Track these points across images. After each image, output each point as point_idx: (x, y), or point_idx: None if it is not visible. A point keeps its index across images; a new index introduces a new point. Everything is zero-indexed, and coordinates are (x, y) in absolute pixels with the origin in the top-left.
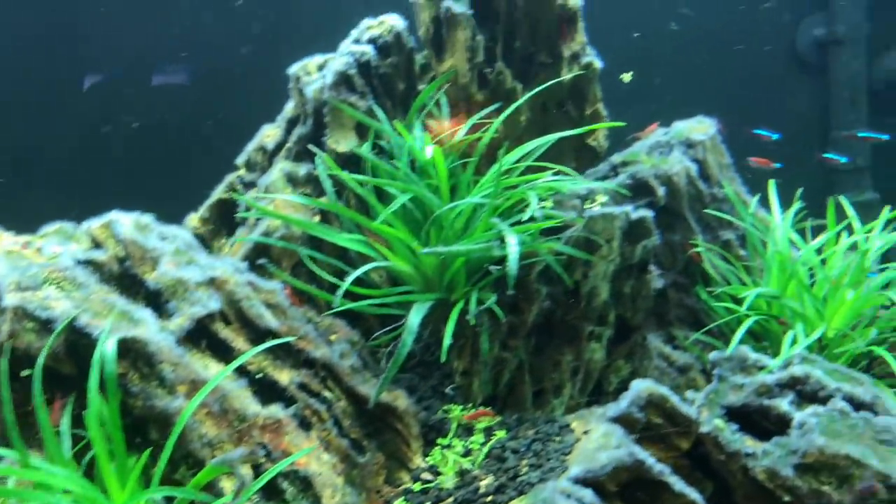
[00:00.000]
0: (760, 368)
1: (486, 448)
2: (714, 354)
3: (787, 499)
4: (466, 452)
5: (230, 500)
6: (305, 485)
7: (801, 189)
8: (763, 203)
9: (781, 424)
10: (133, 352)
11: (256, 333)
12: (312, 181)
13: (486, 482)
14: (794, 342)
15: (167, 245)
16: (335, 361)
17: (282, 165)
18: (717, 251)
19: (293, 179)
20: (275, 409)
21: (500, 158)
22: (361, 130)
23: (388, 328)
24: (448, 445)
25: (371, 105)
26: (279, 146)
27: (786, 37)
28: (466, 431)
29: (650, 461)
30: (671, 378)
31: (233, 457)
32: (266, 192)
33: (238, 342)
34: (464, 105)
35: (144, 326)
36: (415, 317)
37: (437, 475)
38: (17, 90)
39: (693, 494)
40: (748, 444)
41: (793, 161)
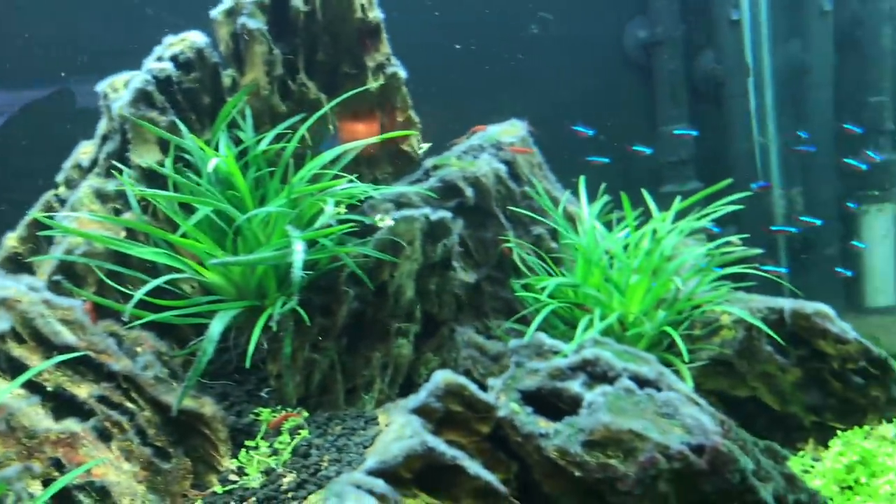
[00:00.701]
0: (556, 353)
1: (291, 446)
2: (512, 342)
3: (578, 474)
4: (273, 452)
5: None
6: (103, 495)
7: (605, 185)
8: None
9: (574, 405)
10: None
11: (53, 350)
12: (121, 197)
13: (289, 479)
14: (589, 327)
15: None
16: (137, 373)
17: (91, 182)
18: (529, 246)
19: (101, 196)
20: (70, 424)
21: (306, 166)
22: (164, 145)
23: (201, 338)
24: (255, 447)
25: (173, 120)
26: (94, 163)
27: (614, 39)
28: (276, 433)
29: (442, 447)
30: (485, 366)
31: (8, 474)
32: (73, 209)
33: (33, 360)
34: (268, 117)
35: None
36: (216, 325)
37: (244, 475)
38: None
39: (488, 476)
40: (541, 426)
41: (625, 156)
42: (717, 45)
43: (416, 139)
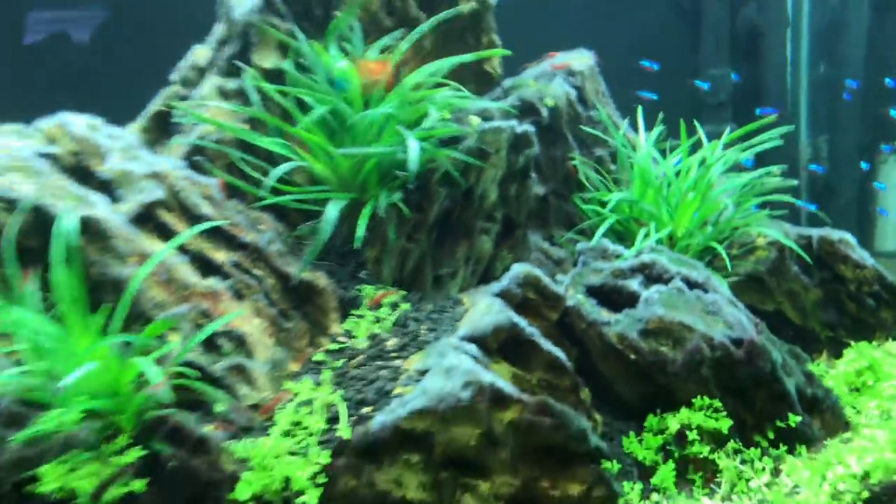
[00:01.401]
0: (617, 257)
1: (393, 317)
2: (580, 245)
3: (633, 357)
4: (376, 321)
5: (177, 347)
6: (240, 342)
7: (665, 116)
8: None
9: (631, 300)
10: (89, 228)
11: (195, 220)
12: (241, 94)
13: (392, 342)
14: (647, 237)
15: (115, 143)
16: (263, 245)
17: (213, 80)
18: (592, 165)
19: (223, 92)
20: (212, 282)
21: (412, 74)
22: (284, 50)
23: (309, 222)
24: (361, 315)
25: (292, 27)
26: (210, 64)
27: None
28: (377, 307)
29: (523, 324)
30: (548, 269)
31: (180, 312)
32: (201, 102)
33: (179, 226)
34: (374, 30)
35: (98, 208)
36: (332, 209)
37: (352, 338)
38: None
39: (557, 352)
40: (604, 315)
41: (670, 92)
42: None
43: (498, 61)
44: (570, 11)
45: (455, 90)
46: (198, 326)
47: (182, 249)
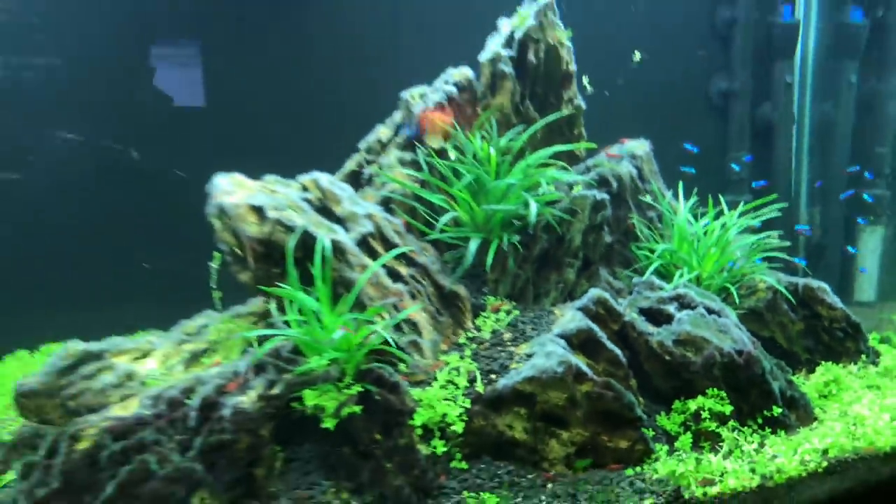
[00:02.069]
0: (660, 289)
1: (507, 319)
2: (635, 279)
3: (668, 358)
4: (496, 321)
5: (380, 327)
6: (414, 327)
7: (697, 188)
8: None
9: (668, 319)
10: (335, 247)
11: (390, 246)
12: (414, 163)
13: (507, 336)
14: (681, 276)
15: (344, 192)
16: (428, 265)
17: (395, 152)
18: (645, 223)
19: (402, 161)
20: (399, 286)
21: (526, 157)
22: (446, 135)
23: (453, 251)
24: (486, 316)
25: (452, 121)
26: (390, 140)
27: (701, 88)
28: (496, 312)
29: (595, 328)
30: (611, 295)
31: (384, 303)
32: (388, 168)
33: (381, 250)
34: (505, 126)
35: (339, 234)
36: (473, 244)
37: (480, 332)
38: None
39: (616, 351)
40: (649, 328)
41: (703, 172)
42: (774, 100)
43: (584, 149)
44: (628, 108)
45: (556, 168)
46: (391, 315)
47: (383, 265)
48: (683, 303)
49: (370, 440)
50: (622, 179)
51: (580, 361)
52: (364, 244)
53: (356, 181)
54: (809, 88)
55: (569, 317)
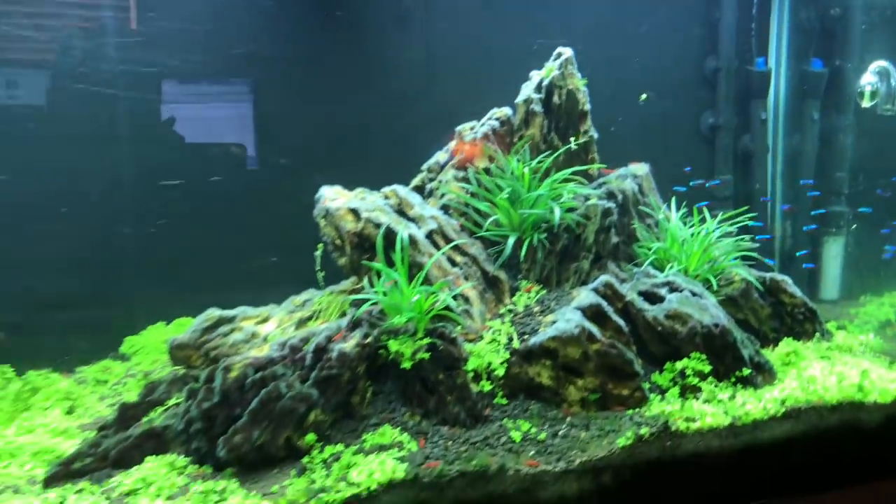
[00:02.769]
0: (655, 277)
1: (536, 298)
2: (636, 269)
3: (660, 329)
4: (528, 299)
5: (443, 297)
6: (466, 299)
7: (690, 203)
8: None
9: (661, 299)
10: (411, 240)
11: (448, 240)
12: (465, 179)
13: (536, 308)
14: (671, 268)
15: (415, 199)
16: (477, 255)
17: (451, 171)
18: (644, 228)
19: (456, 178)
20: (455, 270)
21: (552, 175)
22: (490, 158)
23: (496, 247)
24: (521, 295)
25: (496, 148)
26: (447, 162)
27: (693, 122)
28: (528, 293)
29: (604, 303)
30: (617, 281)
31: (445, 280)
32: (445, 183)
33: (442, 243)
34: (535, 151)
35: (413, 230)
36: (510, 241)
37: (514, 306)
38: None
39: (620, 322)
40: (646, 306)
41: (694, 190)
42: (752, 133)
43: (596, 168)
44: (634, 138)
45: (575, 183)
46: (450, 289)
47: (444, 253)
48: (673, 287)
49: (435, 379)
50: (626, 193)
51: (592, 327)
52: (430, 238)
53: (420, 194)
54: (781, 124)
55: (583, 295)
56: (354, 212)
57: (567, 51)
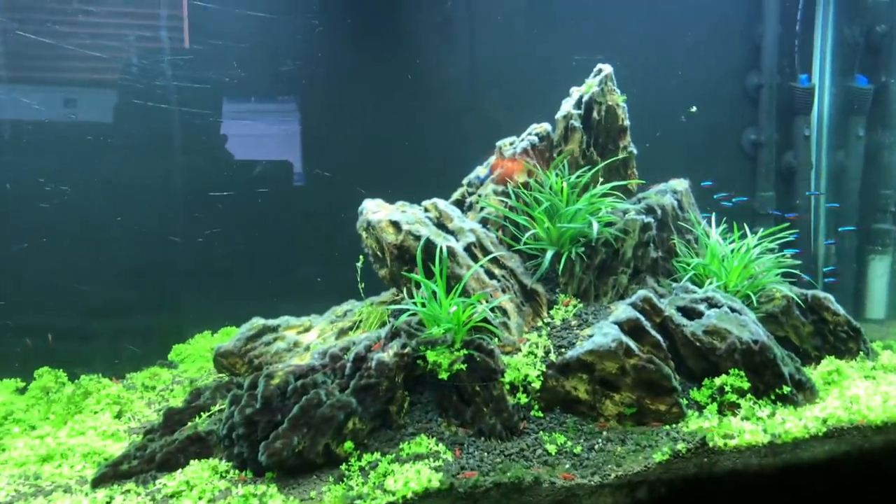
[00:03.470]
0: (694, 292)
1: (574, 311)
2: (675, 284)
3: (698, 345)
4: (566, 312)
5: (481, 309)
6: (504, 312)
7: (731, 220)
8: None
9: (699, 315)
10: (450, 252)
11: (487, 252)
12: (504, 193)
13: (574, 322)
14: (711, 284)
15: (454, 212)
16: (515, 268)
17: (490, 186)
18: (683, 243)
19: (495, 192)
20: (494, 283)
21: (590, 190)
22: (530, 173)
23: (533, 260)
24: (559, 309)
25: (535, 163)
26: (487, 177)
27: (735, 138)
28: (566, 306)
29: (642, 318)
30: (655, 296)
31: (483, 293)
32: (485, 197)
33: (480, 255)
34: (574, 167)
35: (452, 242)
36: (548, 255)
37: (552, 319)
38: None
39: (658, 336)
40: (685, 321)
41: (735, 206)
42: (795, 149)
43: (635, 184)
44: (677, 154)
45: (613, 198)
46: (487, 302)
47: (482, 266)
48: (712, 303)
49: (472, 390)
50: (665, 208)
51: (630, 341)
52: (468, 250)
53: (459, 207)
54: (825, 140)
55: (621, 309)
56: (395, 224)
57: (607, 67)
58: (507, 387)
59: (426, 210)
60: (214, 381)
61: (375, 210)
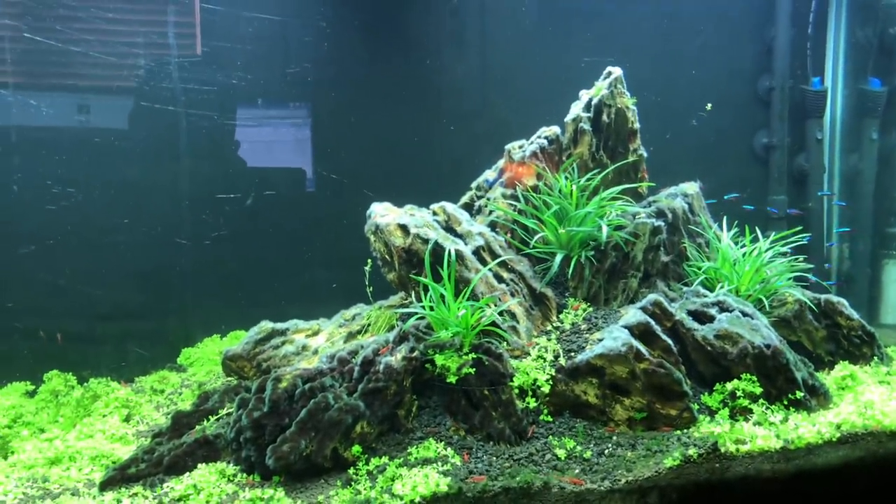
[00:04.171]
0: (705, 296)
1: (583, 315)
2: (685, 288)
3: (709, 349)
4: (575, 316)
5: (489, 313)
6: (512, 316)
7: (742, 224)
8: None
9: (711, 319)
10: (458, 255)
11: (495, 256)
12: (513, 197)
13: (584, 326)
14: (722, 288)
15: (462, 216)
16: (524, 271)
17: (499, 189)
18: (694, 247)
19: (504, 195)
20: (502, 286)
21: (600, 193)
22: (539, 176)
23: (543, 264)
24: (568, 313)
25: (544, 166)
26: (495, 180)
27: (747, 141)
28: (575, 310)
29: (652, 322)
30: (665, 300)
31: (491, 296)
32: (494, 200)
33: (489, 259)
34: (583, 170)
35: (461, 246)
36: (558, 258)
37: (562, 324)
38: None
39: (669, 341)
40: (696, 325)
41: (747, 210)
42: (807, 152)
43: (645, 187)
44: (689, 157)
45: (623, 201)
46: (496, 305)
47: (490, 269)
48: (723, 307)
49: (481, 394)
50: (675, 212)
51: (640, 345)
52: (477, 254)
53: (468, 211)
54: (838, 143)
55: (631, 313)
56: (403, 227)
57: (617, 70)
58: (516, 391)
59: (434, 213)
60: (223, 385)
61: (384, 213)
